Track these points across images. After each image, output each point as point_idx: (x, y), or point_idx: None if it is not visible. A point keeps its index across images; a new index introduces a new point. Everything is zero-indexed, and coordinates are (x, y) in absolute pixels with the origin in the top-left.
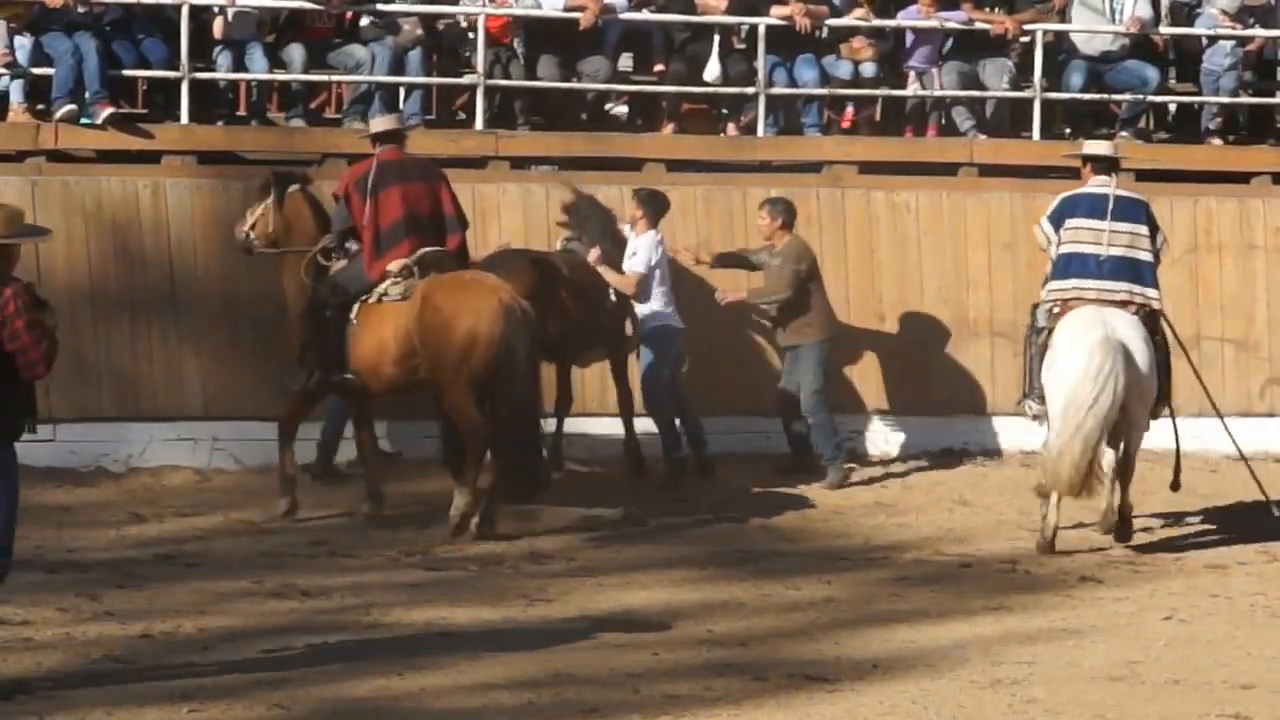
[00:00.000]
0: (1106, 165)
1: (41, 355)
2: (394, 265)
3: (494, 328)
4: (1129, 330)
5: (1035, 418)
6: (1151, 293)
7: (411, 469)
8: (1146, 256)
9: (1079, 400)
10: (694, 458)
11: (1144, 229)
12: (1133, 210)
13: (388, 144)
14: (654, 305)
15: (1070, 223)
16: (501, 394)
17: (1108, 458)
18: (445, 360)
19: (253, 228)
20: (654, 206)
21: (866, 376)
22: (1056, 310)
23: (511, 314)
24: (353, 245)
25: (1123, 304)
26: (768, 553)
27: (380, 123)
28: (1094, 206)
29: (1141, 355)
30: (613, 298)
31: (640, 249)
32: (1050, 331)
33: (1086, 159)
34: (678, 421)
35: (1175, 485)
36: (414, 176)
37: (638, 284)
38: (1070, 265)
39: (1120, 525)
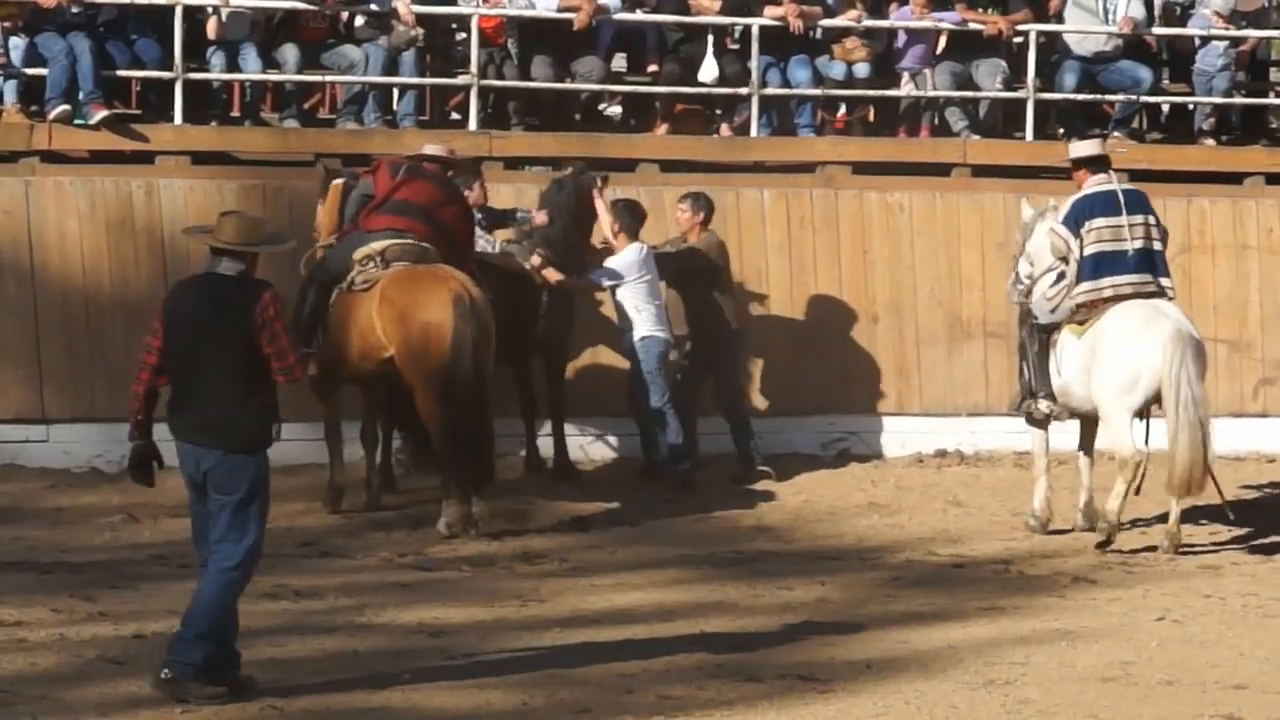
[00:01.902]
0: (1101, 164)
1: (299, 358)
2: (359, 253)
3: (444, 317)
4: (1185, 320)
5: (1047, 418)
6: (1166, 282)
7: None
8: (1159, 247)
9: (1180, 397)
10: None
11: (1154, 219)
12: (1141, 202)
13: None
14: (642, 317)
15: (1090, 224)
16: (453, 385)
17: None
18: (408, 356)
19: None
20: (631, 218)
21: (860, 377)
22: (1078, 308)
23: (460, 303)
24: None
25: (1153, 295)
26: (761, 553)
27: (431, 147)
28: (1108, 204)
29: (1200, 345)
30: (545, 301)
31: (619, 263)
32: (1056, 329)
33: (1080, 163)
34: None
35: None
36: (441, 185)
37: (585, 291)
38: (1100, 265)
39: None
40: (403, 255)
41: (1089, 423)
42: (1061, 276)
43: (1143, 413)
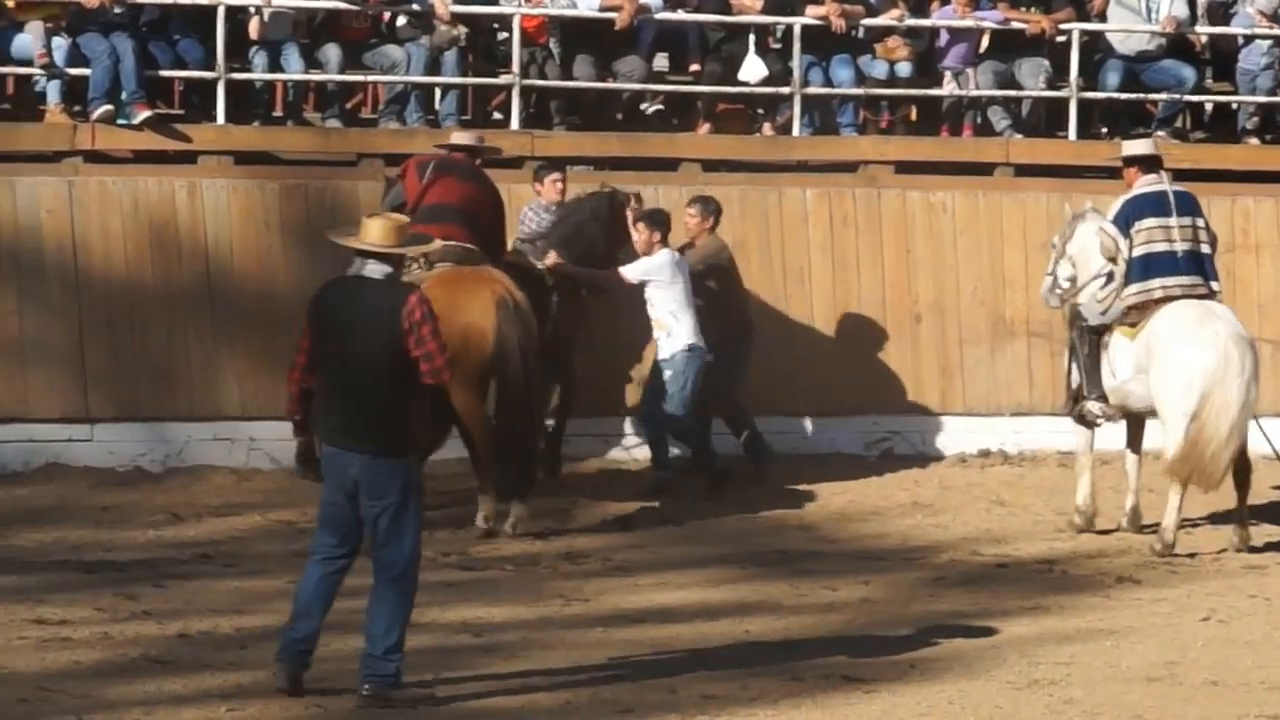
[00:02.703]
0: (1153, 163)
1: (446, 360)
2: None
3: (486, 321)
4: (1238, 322)
5: (1099, 419)
6: (1216, 285)
7: (444, 466)
8: (1208, 249)
9: (1228, 396)
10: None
11: (1202, 221)
12: (1190, 203)
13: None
14: (681, 325)
15: (1140, 224)
16: (500, 387)
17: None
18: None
19: None
20: (658, 226)
21: (903, 377)
22: (1129, 310)
23: (504, 306)
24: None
25: (1202, 297)
26: (805, 553)
27: (459, 136)
28: (1158, 205)
29: (1255, 347)
30: (554, 303)
31: (648, 265)
32: (1106, 330)
33: (1132, 161)
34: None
35: None
36: (469, 179)
37: (610, 283)
38: (1150, 265)
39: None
40: (445, 256)
41: (1136, 422)
42: (1110, 278)
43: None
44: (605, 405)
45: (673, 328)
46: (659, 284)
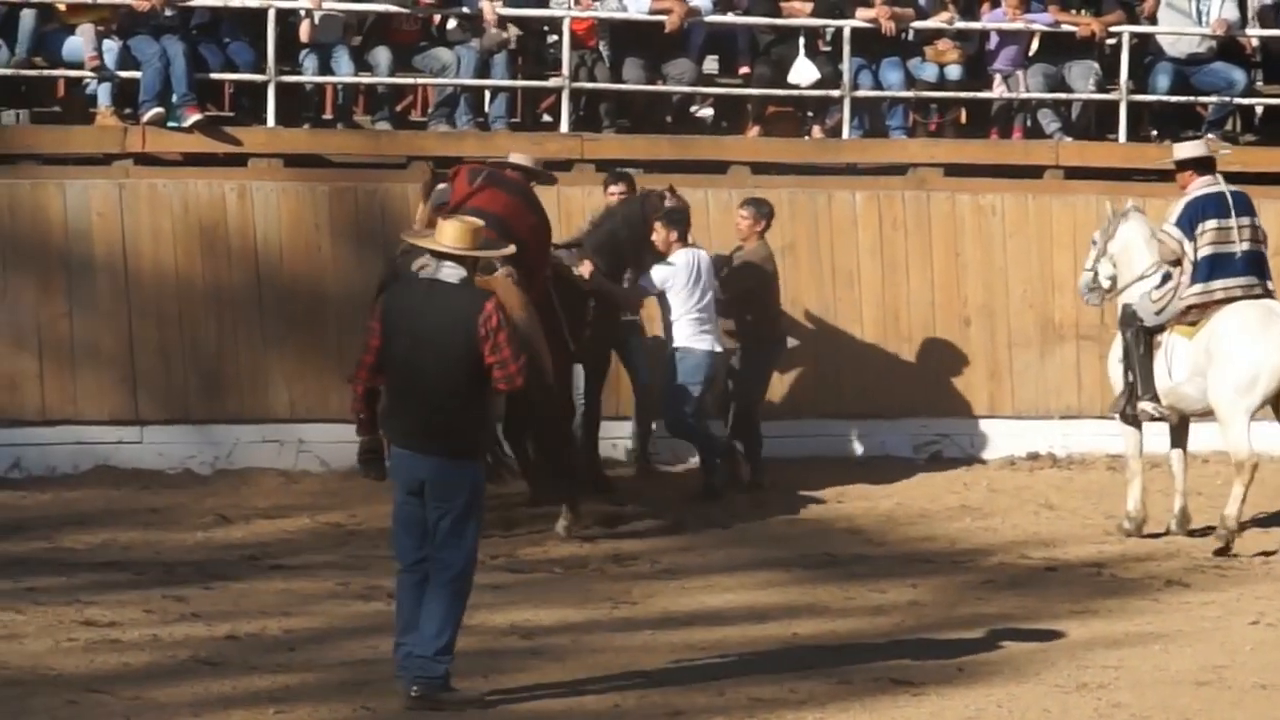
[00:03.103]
0: (1207, 165)
1: (521, 366)
2: (417, 262)
3: None
4: None
5: (1150, 420)
6: (1271, 285)
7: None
8: (1264, 250)
9: None
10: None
11: (1257, 221)
12: (1246, 204)
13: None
14: (681, 328)
15: (1204, 225)
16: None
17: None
18: None
19: None
20: (676, 224)
21: (952, 380)
22: (1188, 310)
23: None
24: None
25: (1258, 297)
26: (853, 556)
27: (517, 156)
28: (1219, 206)
29: None
30: (591, 308)
31: (668, 268)
32: (1160, 330)
33: (1187, 163)
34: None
35: None
36: (516, 194)
37: (639, 301)
38: (1214, 267)
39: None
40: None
41: (1182, 423)
42: (1167, 278)
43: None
44: (654, 407)
45: (688, 333)
46: (674, 289)
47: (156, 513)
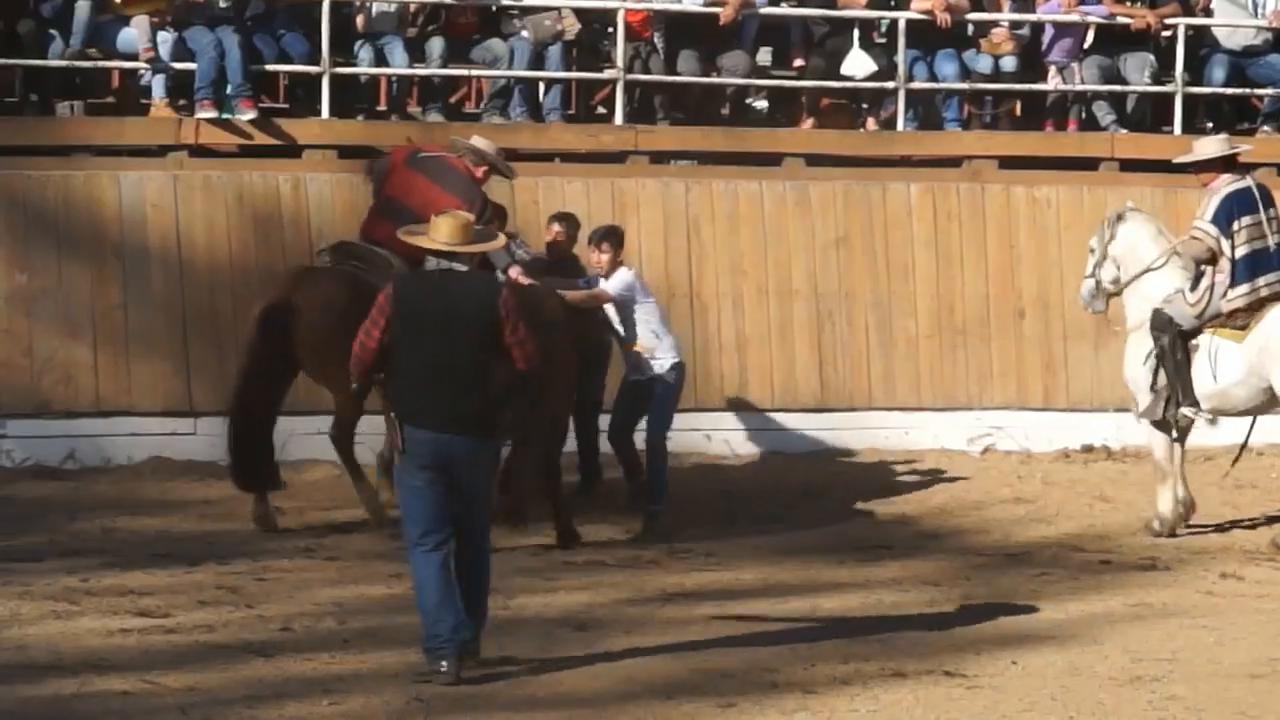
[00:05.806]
0: (1231, 159)
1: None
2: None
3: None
4: None
5: (1193, 422)
6: None
7: None
8: None
9: None
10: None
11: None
12: (1269, 197)
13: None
14: (663, 345)
15: (1238, 223)
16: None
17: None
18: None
19: None
20: (617, 242)
21: (1006, 372)
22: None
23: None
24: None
25: None
26: (907, 548)
27: (478, 140)
28: (1250, 202)
29: None
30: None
31: (616, 284)
32: (1196, 333)
33: (1213, 163)
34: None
35: None
36: (441, 181)
37: (590, 301)
38: (1255, 264)
39: None
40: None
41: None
42: (1200, 279)
43: None
44: (707, 400)
45: (656, 346)
46: (628, 301)
47: (210, 504)
